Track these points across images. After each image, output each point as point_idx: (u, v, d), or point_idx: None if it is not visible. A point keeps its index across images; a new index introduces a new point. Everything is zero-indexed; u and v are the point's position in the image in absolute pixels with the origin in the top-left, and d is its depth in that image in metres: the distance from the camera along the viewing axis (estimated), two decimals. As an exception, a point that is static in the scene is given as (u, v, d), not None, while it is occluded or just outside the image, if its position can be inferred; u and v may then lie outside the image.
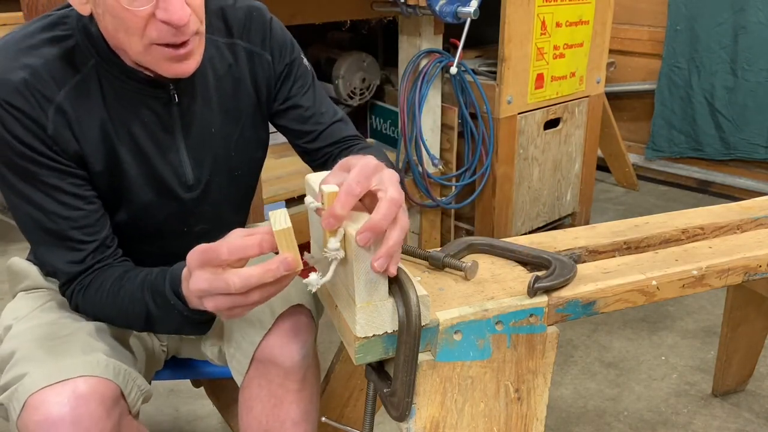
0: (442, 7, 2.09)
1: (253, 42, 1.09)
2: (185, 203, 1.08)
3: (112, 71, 0.97)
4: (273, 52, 1.11)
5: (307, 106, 1.14)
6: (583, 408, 1.84)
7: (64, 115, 0.93)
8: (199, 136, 1.06)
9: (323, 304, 0.94)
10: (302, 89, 1.14)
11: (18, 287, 1.14)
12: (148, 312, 0.94)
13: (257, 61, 1.10)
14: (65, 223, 0.96)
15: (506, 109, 2.33)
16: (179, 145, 1.04)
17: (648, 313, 2.30)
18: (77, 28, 0.95)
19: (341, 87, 2.50)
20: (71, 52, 0.95)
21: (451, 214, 2.57)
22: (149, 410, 1.81)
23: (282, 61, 1.12)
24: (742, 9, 3.10)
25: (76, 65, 0.95)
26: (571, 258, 1.03)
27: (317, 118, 1.15)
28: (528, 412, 0.90)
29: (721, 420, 1.78)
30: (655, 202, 3.37)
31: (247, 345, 1.07)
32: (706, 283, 1.01)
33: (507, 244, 1.02)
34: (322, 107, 1.16)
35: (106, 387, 0.91)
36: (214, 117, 1.07)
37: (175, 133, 1.03)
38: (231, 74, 1.08)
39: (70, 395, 0.87)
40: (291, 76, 1.13)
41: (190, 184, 1.07)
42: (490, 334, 0.85)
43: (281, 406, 1.06)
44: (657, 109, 3.47)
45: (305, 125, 1.15)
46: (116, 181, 1.01)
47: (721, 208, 1.26)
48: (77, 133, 0.95)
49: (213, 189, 1.10)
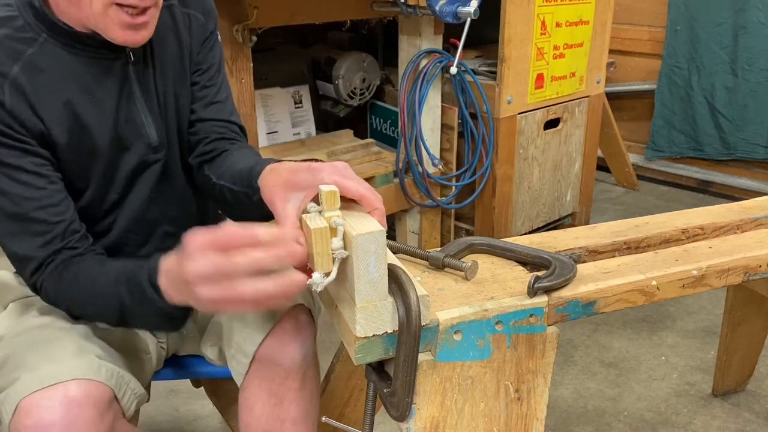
0: (442, 7, 2.09)
1: (188, 5, 1.11)
2: (150, 164, 1.07)
3: (64, 40, 0.96)
4: (205, 14, 1.13)
5: (212, 75, 1.15)
6: (583, 408, 1.84)
7: (21, 89, 0.92)
8: (156, 99, 1.07)
9: (322, 304, 0.94)
10: (214, 58, 1.16)
11: (7, 298, 1.12)
12: (122, 305, 0.92)
13: (194, 23, 1.11)
14: (28, 204, 0.94)
15: (506, 109, 2.33)
16: (140, 107, 1.04)
17: (648, 313, 2.30)
18: (21, 7, 0.95)
19: (341, 87, 2.50)
20: (19, 30, 0.94)
21: (451, 214, 2.57)
22: (149, 410, 1.81)
23: (209, 26, 1.14)
24: (742, 9, 3.09)
25: (26, 41, 0.94)
26: (571, 258, 1.03)
27: (215, 90, 1.16)
28: (528, 412, 0.90)
29: (721, 420, 1.78)
30: (655, 202, 3.37)
31: (247, 345, 1.06)
32: (706, 283, 1.01)
33: (507, 244, 1.02)
34: (224, 82, 1.18)
35: (98, 390, 0.90)
36: (164, 80, 1.08)
37: (135, 96, 1.03)
38: (174, 38, 1.09)
39: (62, 399, 0.86)
40: (211, 42, 1.15)
41: (154, 145, 1.07)
42: (490, 334, 0.85)
43: (281, 406, 1.06)
44: (657, 109, 3.47)
45: (203, 91, 1.15)
46: (84, 150, 1.00)
47: (721, 208, 1.26)
48: (37, 107, 0.93)
49: (174, 153, 1.11)
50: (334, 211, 0.79)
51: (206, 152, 1.14)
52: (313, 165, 0.86)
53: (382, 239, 0.75)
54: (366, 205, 0.83)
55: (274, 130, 2.50)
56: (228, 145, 1.14)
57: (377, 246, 0.75)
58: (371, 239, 0.75)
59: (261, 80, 2.35)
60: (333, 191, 0.79)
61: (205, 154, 1.14)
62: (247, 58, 1.94)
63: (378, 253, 0.75)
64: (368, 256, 0.74)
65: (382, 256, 0.76)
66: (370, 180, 2.27)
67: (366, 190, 0.83)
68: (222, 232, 0.74)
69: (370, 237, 0.75)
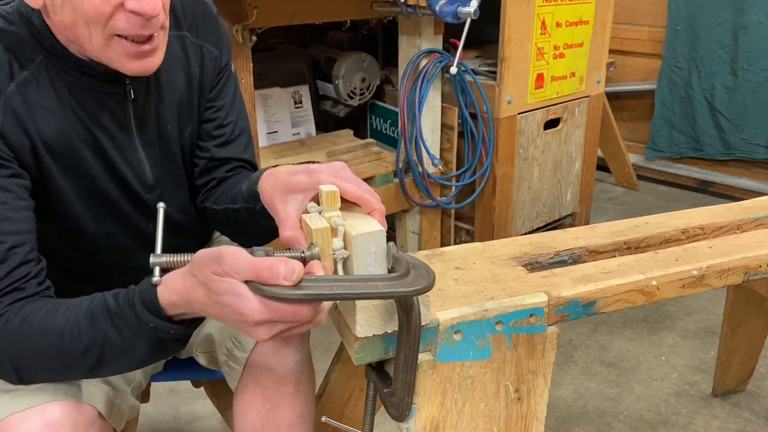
0: (442, 7, 2.09)
1: (201, 37, 1.07)
2: (145, 204, 1.03)
3: (63, 66, 0.91)
4: (219, 47, 1.09)
5: (228, 112, 1.12)
6: (583, 408, 1.84)
7: (14, 109, 0.88)
8: (156, 133, 1.03)
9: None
10: (228, 93, 1.12)
11: None
12: (103, 343, 0.80)
13: (207, 56, 1.08)
14: None
15: (506, 109, 2.33)
16: (135, 143, 1.00)
17: (648, 313, 2.30)
18: (20, 23, 0.90)
19: (341, 87, 2.50)
20: (17, 46, 0.89)
21: (451, 214, 2.57)
22: (149, 410, 1.81)
23: (224, 59, 1.11)
24: (742, 9, 3.09)
25: (22, 60, 0.89)
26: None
27: (230, 128, 1.12)
28: (528, 412, 0.90)
29: (721, 420, 1.78)
30: (655, 202, 3.37)
31: (239, 351, 1.06)
32: (706, 283, 1.01)
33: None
34: (240, 115, 1.14)
35: (79, 411, 0.87)
36: (169, 114, 1.04)
37: (131, 131, 0.99)
38: (183, 69, 1.05)
39: (39, 422, 0.83)
40: (225, 76, 1.12)
41: (150, 184, 1.03)
42: (490, 334, 0.85)
43: (276, 411, 1.05)
44: (657, 109, 3.47)
45: (218, 130, 1.12)
46: (77, 181, 0.95)
47: (721, 208, 1.26)
48: (29, 128, 0.89)
49: (171, 188, 1.07)
50: (334, 211, 0.79)
51: (210, 189, 1.12)
52: (311, 167, 0.86)
53: (382, 239, 0.76)
54: (364, 207, 0.82)
55: (274, 130, 2.50)
56: (231, 177, 1.11)
57: (377, 246, 0.75)
58: (371, 239, 0.75)
59: (261, 80, 2.35)
60: (333, 191, 0.79)
61: (208, 192, 1.12)
62: (247, 58, 1.94)
63: (378, 253, 0.76)
64: (368, 256, 0.74)
65: (382, 256, 0.76)
66: (370, 180, 2.27)
67: (364, 192, 0.83)
68: (272, 269, 0.70)
69: (370, 237, 0.75)
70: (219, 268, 0.71)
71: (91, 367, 0.82)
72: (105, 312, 0.80)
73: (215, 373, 1.23)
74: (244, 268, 0.70)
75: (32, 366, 0.83)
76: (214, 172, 1.12)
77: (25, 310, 0.82)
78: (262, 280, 0.69)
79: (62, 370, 0.84)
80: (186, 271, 0.76)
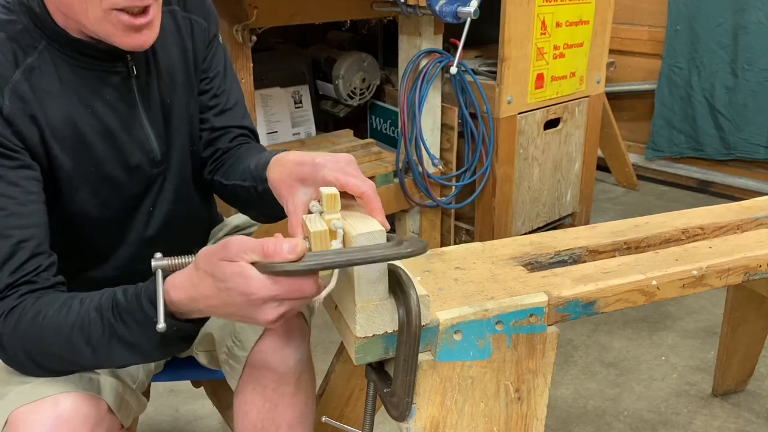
0: (442, 7, 2.09)
1: (189, 9, 1.09)
2: (152, 179, 1.05)
3: (65, 50, 0.93)
4: (207, 19, 1.11)
5: (221, 81, 1.14)
6: (583, 408, 1.84)
7: (21, 96, 0.89)
8: (159, 109, 1.04)
9: (323, 305, 0.93)
10: (220, 62, 1.14)
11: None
12: (112, 335, 0.82)
13: (196, 28, 1.09)
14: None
15: (506, 109, 2.33)
16: (142, 119, 1.02)
17: (648, 313, 2.30)
18: (21, 11, 0.91)
19: (341, 87, 2.50)
20: (19, 35, 0.90)
21: (451, 214, 2.57)
22: (149, 410, 1.80)
23: (212, 29, 1.12)
24: (742, 9, 3.09)
25: (26, 48, 0.91)
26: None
27: (225, 97, 1.14)
28: (528, 412, 0.90)
29: (721, 420, 1.78)
30: (655, 202, 3.37)
31: (239, 350, 1.06)
32: (706, 283, 1.01)
33: None
34: (233, 85, 1.16)
35: (90, 404, 0.87)
36: (169, 89, 1.05)
37: (137, 107, 1.01)
38: (176, 44, 1.07)
39: (50, 414, 0.83)
40: (214, 47, 1.13)
41: (158, 159, 1.04)
42: (490, 334, 0.85)
43: (276, 410, 1.05)
44: (657, 109, 3.47)
45: (214, 99, 1.14)
46: (84, 165, 0.96)
47: (721, 208, 1.26)
48: (38, 115, 0.90)
49: (175, 164, 1.08)
50: (334, 214, 0.79)
51: (216, 160, 1.14)
52: (317, 159, 0.86)
53: (382, 239, 0.75)
54: (365, 203, 0.82)
55: (274, 130, 2.50)
56: (237, 149, 1.13)
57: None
58: (371, 239, 0.75)
59: (261, 80, 2.35)
60: (333, 194, 0.80)
61: (215, 163, 1.14)
62: (247, 58, 1.94)
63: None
64: (368, 256, 0.74)
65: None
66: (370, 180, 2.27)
67: (368, 188, 0.82)
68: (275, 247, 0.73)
69: (370, 237, 0.75)
70: (226, 253, 0.74)
71: (100, 359, 0.84)
72: (114, 306, 0.82)
73: (215, 373, 1.23)
74: (252, 246, 0.73)
75: (47, 358, 0.85)
76: (216, 142, 1.14)
77: (38, 304, 0.84)
78: (267, 256, 0.72)
79: (73, 362, 0.86)
80: (191, 267, 0.78)
